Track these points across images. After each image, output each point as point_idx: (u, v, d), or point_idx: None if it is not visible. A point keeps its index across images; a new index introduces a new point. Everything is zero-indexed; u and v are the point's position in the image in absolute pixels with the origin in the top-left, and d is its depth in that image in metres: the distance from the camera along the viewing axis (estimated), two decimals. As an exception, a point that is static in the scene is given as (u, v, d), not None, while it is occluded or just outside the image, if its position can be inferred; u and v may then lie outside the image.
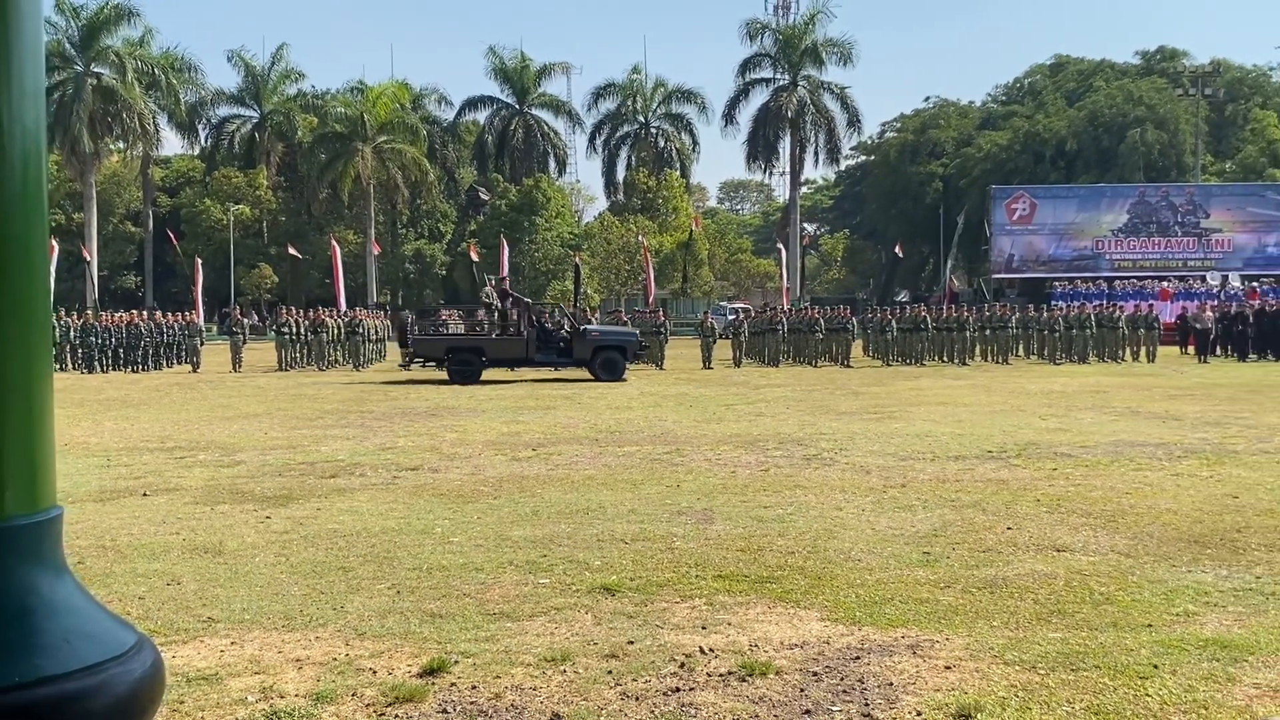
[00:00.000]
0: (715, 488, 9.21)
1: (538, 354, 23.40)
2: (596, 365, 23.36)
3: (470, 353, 23.46)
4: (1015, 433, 13.07)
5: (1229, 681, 4.38)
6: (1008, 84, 71.02)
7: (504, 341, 23.92)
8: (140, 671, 1.49)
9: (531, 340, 23.40)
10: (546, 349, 23.53)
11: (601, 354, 23.53)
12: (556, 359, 23.68)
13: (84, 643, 1.44)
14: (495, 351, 23.63)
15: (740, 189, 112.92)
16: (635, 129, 66.02)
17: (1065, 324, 30.45)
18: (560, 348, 23.63)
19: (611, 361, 23.52)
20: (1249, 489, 8.89)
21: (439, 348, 23.91)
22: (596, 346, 23.61)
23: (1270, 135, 57.50)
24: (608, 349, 23.72)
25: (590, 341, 23.62)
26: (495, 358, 23.54)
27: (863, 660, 4.73)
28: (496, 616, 5.42)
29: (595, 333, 24.48)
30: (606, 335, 24.74)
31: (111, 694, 1.43)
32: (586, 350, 23.43)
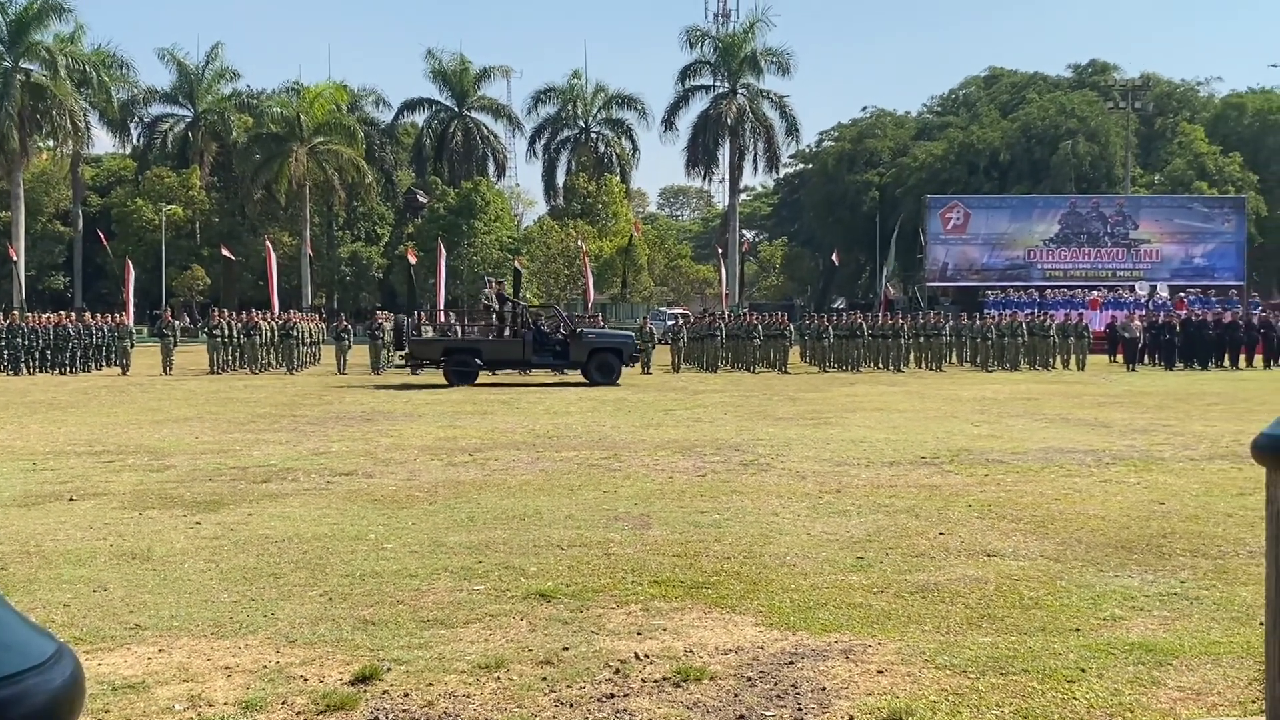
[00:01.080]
0: (652, 493, 9.22)
1: (534, 356, 23.61)
2: (592, 368, 23.53)
3: (467, 354, 23.60)
4: (948, 439, 13.24)
5: (1154, 685, 4.46)
6: (943, 95, 72.19)
7: (501, 344, 24.04)
8: (59, 681, 1.45)
9: (528, 342, 23.59)
10: (543, 351, 23.71)
11: (597, 356, 23.72)
12: (553, 361, 23.87)
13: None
14: (492, 353, 23.79)
15: (680, 195, 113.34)
16: (575, 133, 65.97)
17: (998, 332, 30.94)
18: (556, 350, 23.82)
19: (607, 364, 23.70)
20: (1175, 495, 9.08)
21: (436, 350, 24.00)
22: (593, 349, 23.79)
23: (1198, 149, 58.86)
24: (603, 351, 23.92)
25: (586, 344, 23.81)
26: (492, 359, 23.74)
27: (796, 665, 4.76)
28: (430, 623, 5.37)
29: (591, 335, 24.66)
30: (603, 338, 24.97)
31: (29, 705, 1.39)
32: (583, 353, 23.63)
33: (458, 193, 58.43)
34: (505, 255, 55.41)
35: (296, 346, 29.48)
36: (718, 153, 61.27)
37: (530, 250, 55.86)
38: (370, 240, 64.34)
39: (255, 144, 58.19)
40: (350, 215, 63.32)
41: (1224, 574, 6.32)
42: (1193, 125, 61.31)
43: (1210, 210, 49.14)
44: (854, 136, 67.51)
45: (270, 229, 56.91)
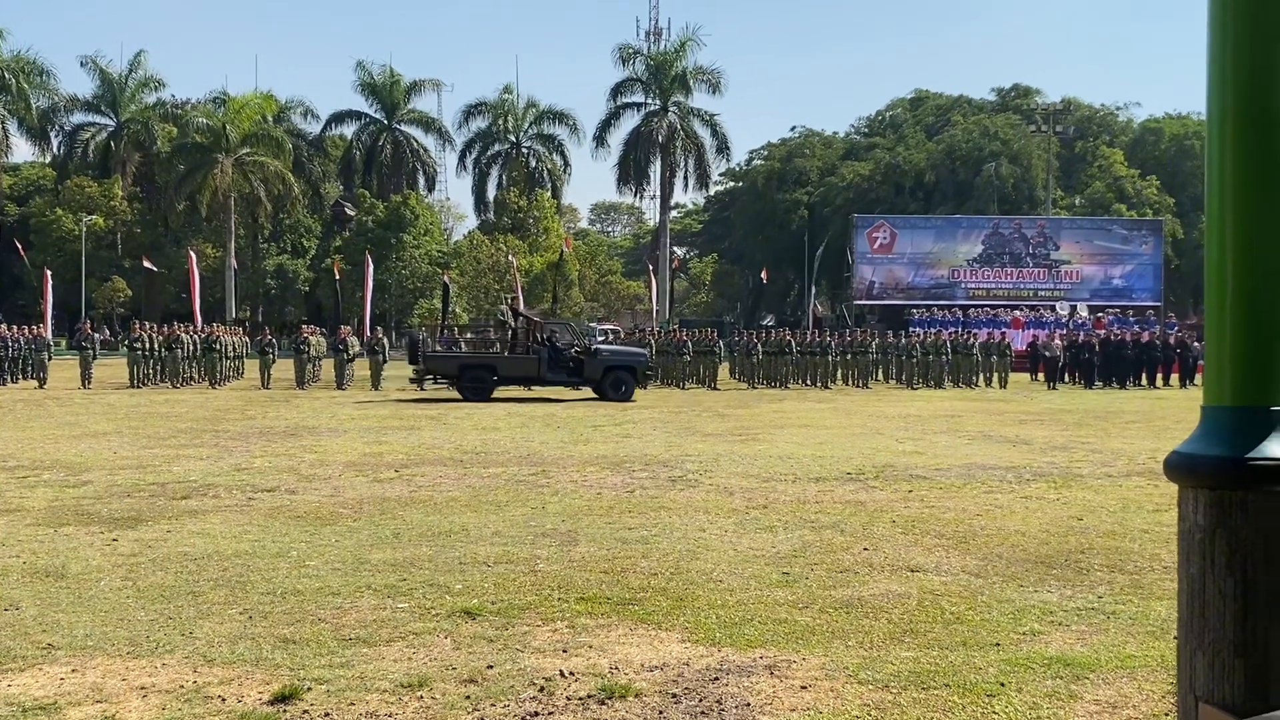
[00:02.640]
0: (580, 509, 9.19)
1: (549, 373, 23.73)
2: (606, 385, 23.75)
3: (483, 370, 23.75)
4: (873, 455, 13.38)
5: (1071, 699, 4.54)
6: (870, 116, 73.18)
7: (516, 360, 24.18)
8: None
9: (544, 359, 23.69)
10: (557, 368, 23.86)
11: (612, 374, 23.94)
12: (567, 378, 24.06)
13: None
14: (508, 370, 23.97)
15: (611, 211, 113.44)
16: (506, 148, 65.82)
17: (922, 350, 31.40)
18: (571, 367, 23.97)
19: (621, 381, 23.91)
20: (1093, 511, 9.26)
21: (452, 365, 24.07)
22: (607, 366, 24.00)
23: (1116, 172, 60.33)
24: (618, 369, 24.14)
25: (601, 361, 24.03)
26: (507, 376, 23.90)
27: (721, 681, 4.76)
28: (352, 642, 5.30)
29: (606, 353, 24.87)
30: (617, 355, 25.15)
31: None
32: (597, 370, 23.85)
33: (386, 206, 57.99)
34: (434, 270, 55.09)
35: (219, 360, 28.95)
36: (649, 169, 61.54)
37: (460, 265, 55.57)
38: (296, 253, 63.53)
39: (179, 154, 57.24)
40: (276, 227, 62.47)
41: (1140, 589, 6.46)
42: (1112, 149, 62.87)
43: (1129, 232, 50.34)
44: (783, 156, 68.18)
45: (194, 240, 55.96)
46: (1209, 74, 3.71)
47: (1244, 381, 3.63)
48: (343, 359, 27.77)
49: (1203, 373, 3.71)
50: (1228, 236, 3.71)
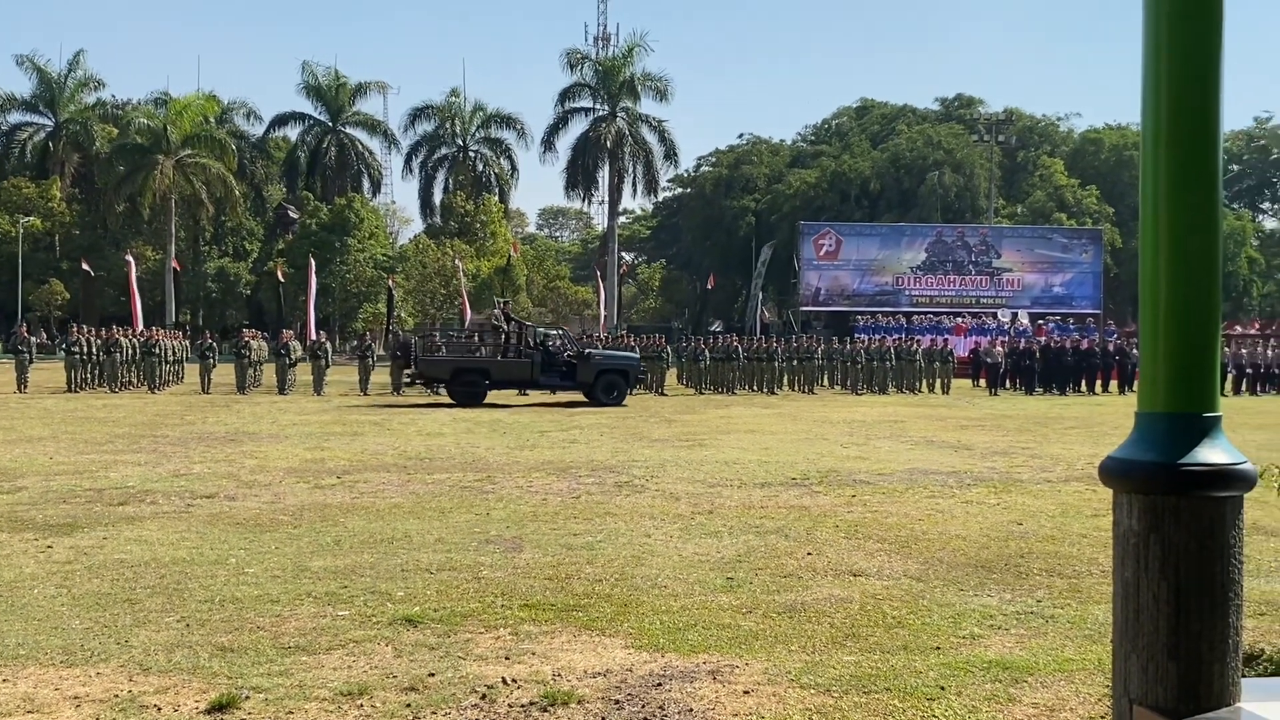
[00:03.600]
0: (525, 515, 9.15)
1: (542, 377, 23.96)
2: (598, 389, 23.93)
3: (476, 374, 23.91)
4: (818, 460, 13.47)
5: (1010, 702, 4.59)
6: (816, 125, 73.74)
7: (510, 364, 24.31)
8: None
9: (537, 363, 23.93)
10: (550, 372, 24.06)
11: (604, 377, 24.17)
12: (560, 382, 24.21)
13: None
14: (501, 373, 24.17)
15: (559, 216, 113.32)
16: (453, 152, 65.50)
17: (867, 356, 31.67)
18: (563, 371, 24.17)
19: (613, 385, 24.17)
20: (1032, 516, 9.38)
21: (445, 369, 24.11)
22: (600, 370, 24.19)
23: (1057, 181, 61.26)
24: (610, 373, 24.37)
25: (594, 365, 24.24)
26: (500, 379, 24.13)
27: (664, 687, 4.76)
28: (292, 650, 5.24)
29: (598, 356, 25.00)
30: (609, 359, 25.27)
31: None
32: (590, 374, 24.06)
33: (331, 209, 57.44)
34: (379, 274, 54.64)
35: (159, 364, 28.51)
36: (597, 175, 61.57)
37: (405, 269, 55.19)
38: (238, 256, 62.76)
39: (119, 155, 56.29)
40: (218, 230, 61.68)
41: (1078, 593, 6.55)
42: (1053, 159, 63.84)
43: (1069, 241, 51.15)
44: (731, 162, 68.47)
45: (133, 243, 55.10)
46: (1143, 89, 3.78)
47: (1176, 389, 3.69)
48: (285, 364, 27.45)
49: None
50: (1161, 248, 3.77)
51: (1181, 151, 3.66)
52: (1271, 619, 5.88)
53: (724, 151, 72.18)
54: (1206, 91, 3.63)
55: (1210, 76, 3.65)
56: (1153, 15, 3.70)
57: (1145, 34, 3.73)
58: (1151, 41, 3.74)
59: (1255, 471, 3.65)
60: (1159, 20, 3.69)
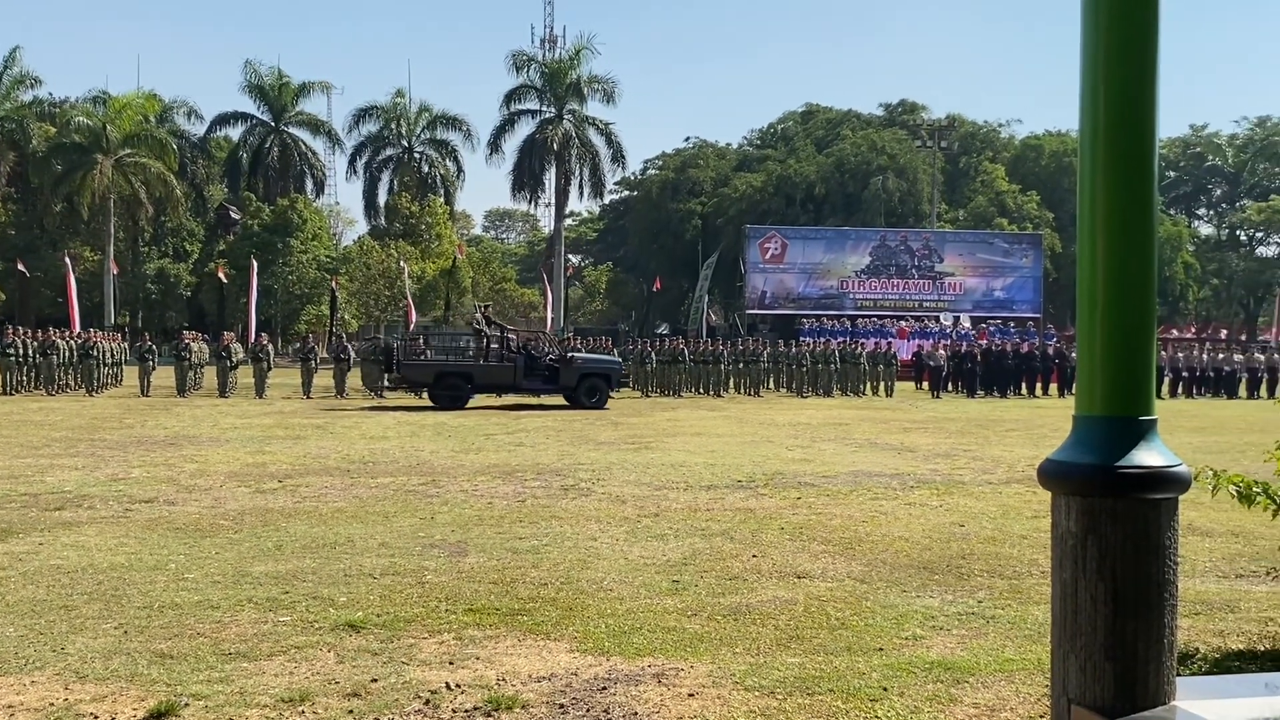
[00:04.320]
0: (470, 519, 9.10)
1: (524, 380, 24.06)
2: (581, 392, 24.10)
3: (459, 378, 24.03)
4: (764, 463, 13.53)
5: (951, 702, 4.63)
6: (762, 129, 74.03)
7: (492, 368, 24.33)
8: None
9: (519, 367, 24.01)
10: (533, 376, 24.17)
11: (586, 381, 24.32)
12: (542, 385, 24.31)
13: None
14: (484, 377, 24.23)
15: (506, 218, 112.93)
16: (398, 153, 64.96)
17: (812, 359, 31.86)
18: (546, 375, 24.27)
19: (595, 389, 24.34)
20: (974, 518, 9.49)
21: (428, 373, 24.14)
22: (582, 374, 24.36)
23: (999, 187, 62.06)
24: (593, 376, 24.54)
25: (576, 369, 24.37)
26: (483, 383, 24.23)
27: (609, 690, 4.75)
28: (232, 656, 5.17)
29: (580, 360, 25.07)
30: (591, 363, 25.34)
31: None
32: (573, 377, 24.21)
33: (273, 210, 56.73)
34: (323, 275, 54.08)
35: (97, 367, 28.01)
36: (544, 177, 61.36)
37: (349, 270, 54.66)
38: (178, 257, 61.77)
39: (56, 154, 55.18)
40: (158, 231, 60.67)
41: (1018, 593, 6.63)
42: (994, 165, 64.66)
43: (1010, 246, 51.82)
44: (677, 165, 68.58)
45: (71, 244, 54.06)
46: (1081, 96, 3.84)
47: (1113, 392, 3.75)
48: (226, 366, 27.11)
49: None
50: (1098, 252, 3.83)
51: (1118, 158, 3.73)
52: (1206, 618, 5.99)
53: (670, 155, 72.32)
54: (1142, 100, 3.70)
55: (1146, 85, 3.72)
56: (1091, 25, 3.76)
57: (1083, 43, 3.79)
58: (1089, 50, 3.81)
59: (1189, 474, 3.72)
60: (1097, 30, 3.76)
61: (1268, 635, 5.53)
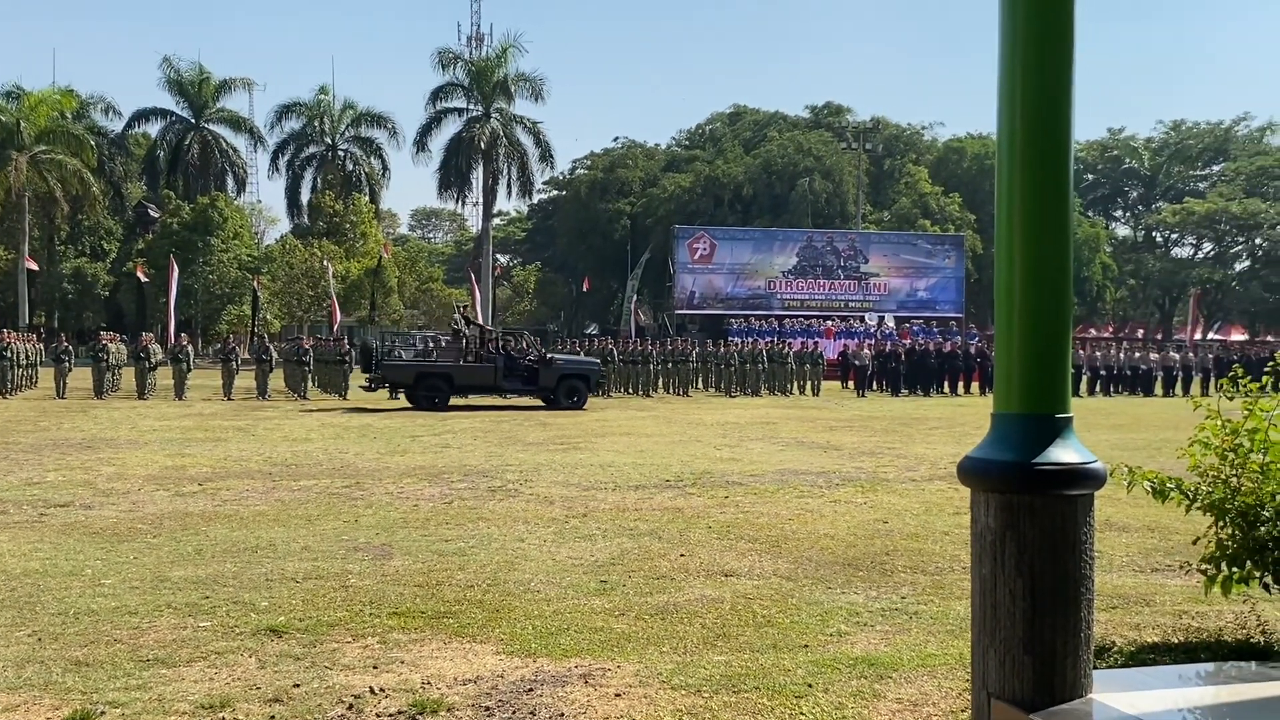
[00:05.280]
0: (395, 522, 9.01)
1: (504, 381, 24.18)
2: (560, 393, 24.24)
3: (439, 379, 23.99)
4: (692, 462, 13.58)
5: (875, 698, 4.68)
6: (690, 129, 74.27)
7: (473, 369, 24.32)
8: None
9: (500, 368, 24.09)
10: (513, 377, 24.32)
11: (566, 382, 24.46)
12: (522, 386, 24.46)
13: None
14: (464, 378, 24.24)
15: (433, 217, 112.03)
16: (322, 150, 64.15)
17: (740, 359, 32.05)
18: (525, 375, 24.41)
19: (574, 390, 24.49)
20: (898, 515, 9.62)
21: (408, 374, 24.11)
22: (561, 375, 24.49)
23: (922, 189, 62.91)
24: (572, 377, 24.68)
25: (555, 370, 24.48)
26: (464, 384, 24.24)
27: (536, 692, 4.74)
28: (150, 663, 5.07)
29: (560, 361, 25.19)
30: (570, 364, 25.45)
31: None
32: (552, 378, 24.33)
33: (193, 208, 55.64)
34: (244, 275, 53.20)
35: (10, 368, 27.23)
36: (471, 176, 60.92)
37: (272, 270, 53.83)
38: (96, 256, 60.37)
39: (-32, 150, 53.66)
40: (74, 229, 59.22)
41: (941, 589, 6.73)
42: (918, 167, 65.55)
43: (933, 247, 52.63)
44: (606, 165, 68.57)
45: (-17, 243, 52.59)
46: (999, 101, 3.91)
47: (1030, 390, 3.82)
48: (145, 367, 26.53)
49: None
50: (1015, 253, 3.89)
51: (1035, 162, 3.80)
52: (1122, 612, 6.12)
53: (599, 154, 72.28)
54: (1058, 105, 3.77)
55: (1062, 91, 3.79)
56: (1008, 32, 3.83)
57: (1001, 50, 3.85)
58: (1007, 57, 3.87)
59: (1105, 470, 3.81)
60: (1014, 37, 3.82)
61: (1182, 628, 5.66)
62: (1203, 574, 4.83)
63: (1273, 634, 5.29)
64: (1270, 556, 4.58)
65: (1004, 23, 3.82)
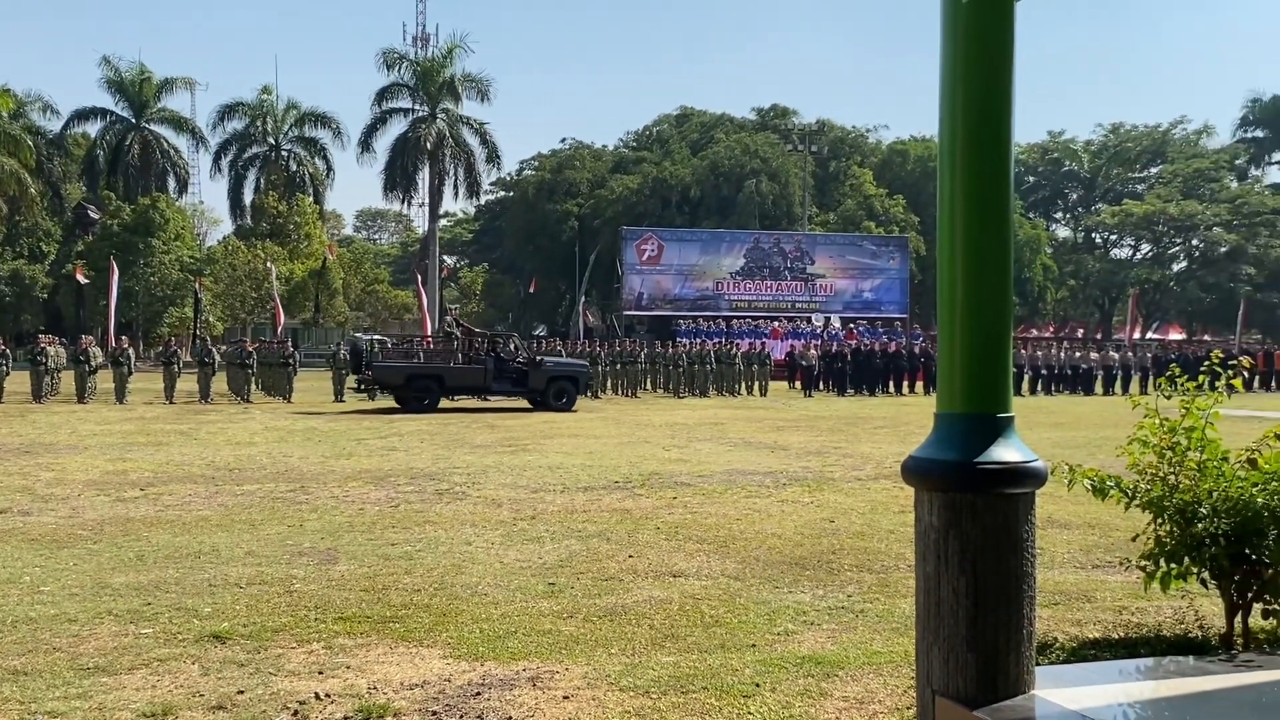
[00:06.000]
0: (341, 526, 8.93)
1: (494, 383, 24.38)
2: (549, 394, 24.37)
3: (430, 381, 24.13)
4: (640, 463, 13.59)
5: (822, 696, 4.71)
6: (638, 131, 74.32)
7: (463, 370, 24.57)
8: None
9: (490, 369, 24.27)
10: (503, 378, 24.51)
11: (555, 384, 24.64)
12: (512, 388, 24.64)
13: None
14: (455, 380, 24.41)
15: (378, 218, 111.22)
16: (265, 150, 63.45)
17: (688, 359, 32.14)
18: (515, 377, 24.59)
19: (563, 391, 24.65)
20: (844, 513, 9.69)
21: (399, 375, 24.23)
22: (551, 376, 24.66)
23: (867, 190, 63.42)
24: (561, 379, 24.87)
25: (545, 372, 24.71)
26: (454, 386, 24.45)
27: (483, 696, 4.72)
28: (91, 671, 4.99)
29: (549, 363, 25.51)
30: (560, 366, 25.79)
31: None
32: (542, 380, 24.51)
33: (134, 209, 54.76)
34: (186, 276, 52.47)
35: (-56, 372, 26.64)
36: (417, 177, 60.51)
37: (214, 271, 53.14)
38: (34, 258, 59.24)
39: (-98, 150, 52.43)
40: (12, 231, 58.04)
41: (886, 587, 6.79)
42: (863, 169, 66.06)
43: (878, 248, 53.10)
44: (554, 166, 68.40)
45: (-84, 243, 51.43)
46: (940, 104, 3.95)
47: (972, 390, 3.86)
48: (84, 371, 26.08)
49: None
50: (957, 254, 3.94)
51: (976, 166, 3.84)
52: (1064, 608, 6.22)
53: (547, 156, 72.09)
54: (999, 109, 3.82)
55: (1002, 95, 3.84)
56: (949, 36, 3.87)
57: (943, 53, 3.90)
58: (948, 62, 3.92)
59: (1046, 469, 3.86)
60: (955, 41, 3.87)
61: (1122, 623, 5.76)
62: (1142, 570, 4.91)
63: (1210, 629, 5.39)
64: (1207, 553, 4.67)
65: (945, 27, 3.86)
